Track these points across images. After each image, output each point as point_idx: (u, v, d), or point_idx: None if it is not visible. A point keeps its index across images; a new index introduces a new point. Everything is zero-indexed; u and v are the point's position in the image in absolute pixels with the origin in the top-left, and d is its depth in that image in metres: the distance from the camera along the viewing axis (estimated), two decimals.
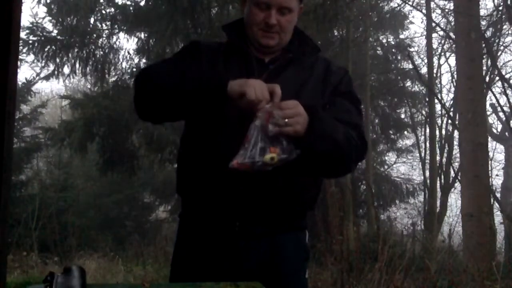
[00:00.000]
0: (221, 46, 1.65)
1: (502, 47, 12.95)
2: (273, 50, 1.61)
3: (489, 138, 12.24)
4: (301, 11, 1.65)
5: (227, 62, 1.58)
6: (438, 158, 13.25)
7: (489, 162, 10.16)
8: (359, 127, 1.55)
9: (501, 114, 14.46)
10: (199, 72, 1.50)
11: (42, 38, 9.92)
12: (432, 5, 13.24)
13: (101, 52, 10.47)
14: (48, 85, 41.13)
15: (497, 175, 15.33)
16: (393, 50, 14.80)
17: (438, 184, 13.04)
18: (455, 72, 11.13)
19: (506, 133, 15.22)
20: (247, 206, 1.48)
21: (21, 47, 9.64)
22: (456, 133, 12.29)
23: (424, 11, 13.46)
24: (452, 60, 13.29)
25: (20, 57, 9.86)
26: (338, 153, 1.44)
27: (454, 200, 13.78)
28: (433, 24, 13.17)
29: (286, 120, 1.33)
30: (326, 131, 1.41)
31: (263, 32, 1.56)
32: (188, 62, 1.59)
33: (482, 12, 10.86)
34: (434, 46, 13.80)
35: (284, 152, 1.35)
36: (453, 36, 10.44)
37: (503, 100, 12.12)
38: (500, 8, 10.96)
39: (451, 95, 14.04)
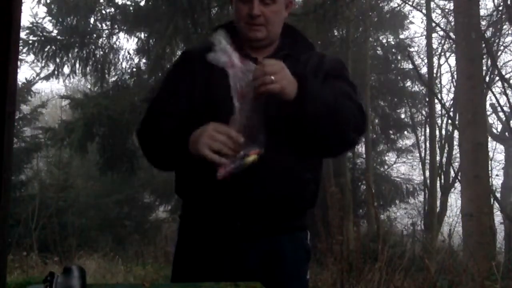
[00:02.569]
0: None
1: (502, 47, 12.96)
2: (263, 45, 1.60)
3: (489, 138, 12.23)
4: (291, 6, 1.63)
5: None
6: (438, 158, 13.25)
7: (489, 162, 10.16)
8: (355, 98, 1.52)
9: (501, 114, 14.45)
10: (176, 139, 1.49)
11: (42, 38, 9.92)
12: (432, 5, 13.26)
13: (101, 52, 10.47)
14: (48, 85, 41.12)
15: (497, 175, 15.35)
16: (393, 50, 14.80)
17: (438, 184, 13.04)
18: (455, 72, 11.13)
19: (506, 133, 15.21)
20: (247, 205, 1.47)
21: (21, 47, 9.64)
22: (456, 133, 12.29)
23: (424, 11, 13.47)
24: (452, 60, 13.30)
25: (20, 57, 9.86)
26: (332, 116, 1.41)
27: (454, 200, 13.79)
28: (433, 24, 13.17)
29: (272, 77, 1.32)
30: (315, 92, 1.40)
31: (249, 25, 1.55)
32: (182, 92, 1.58)
33: (482, 12, 10.86)
34: (434, 46, 13.82)
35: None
36: (453, 36, 10.44)
37: (503, 100, 12.12)
38: (500, 8, 10.96)
39: (451, 95, 14.05)
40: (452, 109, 13.34)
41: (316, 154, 1.60)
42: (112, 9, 10.22)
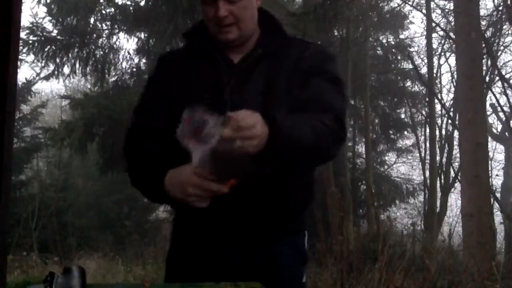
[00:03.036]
0: (189, 52, 1.55)
1: (502, 47, 12.99)
2: (238, 44, 1.48)
3: (489, 138, 12.24)
4: None
5: (198, 69, 1.49)
6: (438, 158, 13.26)
7: (489, 162, 10.17)
8: (334, 107, 1.39)
9: (501, 114, 14.47)
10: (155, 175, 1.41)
11: (42, 38, 9.92)
12: (432, 5, 13.27)
13: (101, 52, 10.47)
14: (48, 85, 41.08)
15: (497, 175, 15.35)
16: (393, 50, 14.80)
17: (438, 184, 13.05)
18: (455, 72, 11.13)
19: (506, 133, 15.21)
20: (235, 217, 1.42)
21: (21, 47, 9.64)
22: (456, 133, 12.30)
23: (424, 11, 13.48)
24: (452, 60, 13.31)
25: (20, 57, 9.86)
26: (309, 153, 1.32)
27: (454, 200, 13.80)
28: (433, 24, 13.18)
29: (250, 134, 1.15)
30: (289, 138, 1.23)
31: (218, 28, 1.43)
32: (163, 104, 1.48)
33: (482, 12, 10.88)
34: (434, 46, 13.83)
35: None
36: (453, 36, 10.44)
37: (503, 100, 12.12)
38: (500, 8, 10.97)
39: (451, 95, 14.06)
40: (452, 109, 13.34)
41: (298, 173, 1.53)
42: (112, 9, 10.22)
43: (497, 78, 12.07)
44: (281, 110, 1.35)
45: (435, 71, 13.67)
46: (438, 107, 13.72)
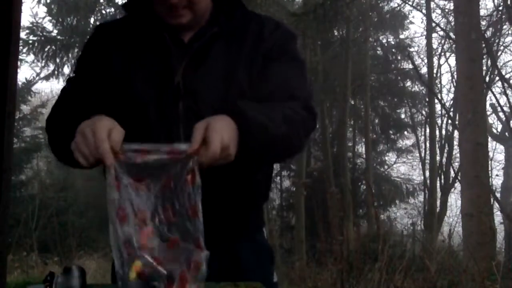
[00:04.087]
0: (131, 27, 1.33)
1: (502, 47, 12.99)
2: (190, 26, 1.29)
3: (489, 138, 12.24)
4: None
5: (142, 47, 1.29)
6: (438, 158, 13.27)
7: (489, 162, 10.17)
8: (300, 95, 1.28)
9: (501, 114, 14.47)
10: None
11: (42, 38, 9.94)
12: (432, 5, 13.28)
13: None
14: (48, 85, 41.05)
15: (497, 175, 15.34)
16: (393, 50, 14.82)
17: (438, 184, 13.06)
18: (455, 72, 11.13)
19: (506, 133, 15.22)
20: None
21: (21, 47, 9.64)
22: (456, 133, 12.30)
23: (424, 11, 13.50)
24: (452, 60, 13.32)
25: (20, 57, 9.84)
26: (281, 144, 1.20)
27: (454, 200, 13.79)
28: (433, 24, 13.19)
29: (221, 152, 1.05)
30: (261, 134, 1.13)
31: (169, 11, 1.24)
32: (95, 77, 1.30)
33: (482, 12, 10.88)
34: (434, 46, 13.84)
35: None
36: (453, 36, 10.45)
37: (503, 100, 12.13)
38: (500, 8, 10.97)
39: (451, 95, 14.07)
40: (452, 109, 13.35)
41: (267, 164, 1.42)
42: (112, 9, 10.23)
43: (497, 78, 12.08)
44: (245, 99, 1.22)
45: (435, 71, 13.69)
46: (438, 107, 13.74)
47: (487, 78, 11.49)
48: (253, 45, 1.29)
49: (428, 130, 13.53)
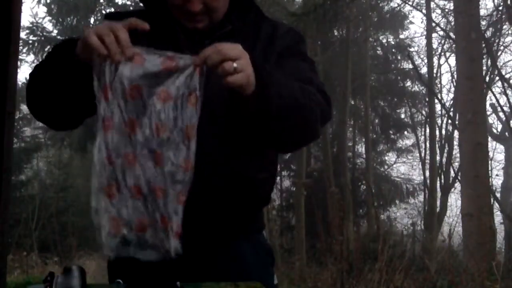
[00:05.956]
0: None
1: (502, 47, 12.99)
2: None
3: (489, 138, 12.24)
4: None
5: (151, 41, 1.21)
6: (438, 158, 13.27)
7: (489, 162, 10.17)
8: (315, 82, 1.29)
9: (501, 114, 14.48)
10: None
11: (42, 38, 9.94)
12: (432, 5, 13.28)
13: None
14: None
15: (497, 175, 15.36)
16: (393, 50, 14.83)
17: (438, 184, 13.05)
18: (455, 72, 11.14)
19: (506, 133, 15.22)
20: (197, 214, 1.22)
21: (21, 47, 9.64)
22: (456, 133, 12.31)
23: (424, 11, 13.49)
24: (452, 60, 13.32)
25: (20, 57, 9.85)
26: (299, 112, 1.17)
27: (454, 200, 13.80)
28: (433, 24, 13.19)
29: (234, 64, 1.01)
30: (279, 83, 1.12)
31: (187, 16, 1.24)
32: None
33: (482, 12, 10.88)
34: (434, 46, 13.84)
35: None
36: (453, 36, 10.45)
37: (503, 100, 12.14)
38: (500, 8, 10.97)
39: (451, 95, 14.06)
40: (452, 109, 13.35)
41: (274, 151, 1.38)
42: (112, 9, 10.23)
43: (497, 78, 12.08)
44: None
45: (435, 71, 13.69)
46: (438, 107, 13.74)
47: (487, 78, 11.49)
48: (266, 44, 1.31)
49: (428, 130, 13.52)
